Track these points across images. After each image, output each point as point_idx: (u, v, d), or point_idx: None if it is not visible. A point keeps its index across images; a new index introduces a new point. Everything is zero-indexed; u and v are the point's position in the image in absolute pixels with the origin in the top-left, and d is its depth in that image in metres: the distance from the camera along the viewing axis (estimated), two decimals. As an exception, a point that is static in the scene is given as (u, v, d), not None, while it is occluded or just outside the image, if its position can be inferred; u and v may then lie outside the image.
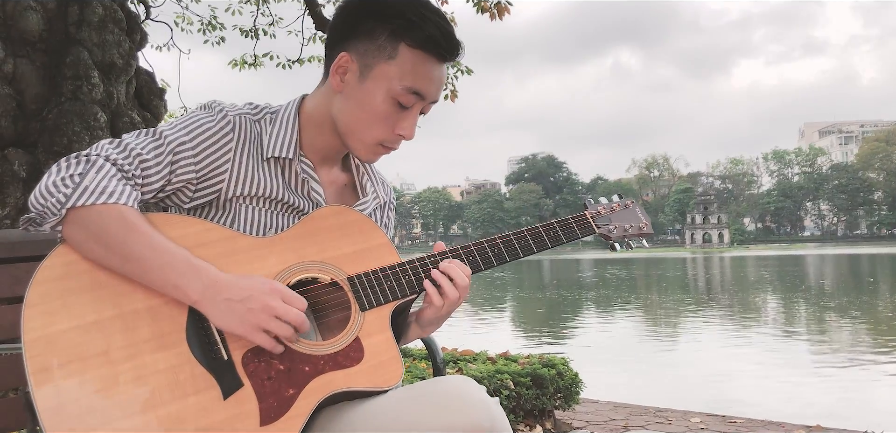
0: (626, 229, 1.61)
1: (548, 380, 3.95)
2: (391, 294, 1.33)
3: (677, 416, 5.06)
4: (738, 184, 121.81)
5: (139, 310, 1.17)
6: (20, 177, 4.22)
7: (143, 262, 1.16)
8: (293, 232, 1.33)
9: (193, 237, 1.25)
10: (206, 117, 1.34)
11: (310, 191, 1.40)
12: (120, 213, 1.18)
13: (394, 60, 1.30)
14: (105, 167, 1.21)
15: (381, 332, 1.30)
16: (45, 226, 1.19)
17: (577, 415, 4.68)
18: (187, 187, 1.32)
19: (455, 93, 8.19)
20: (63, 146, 4.30)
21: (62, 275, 1.17)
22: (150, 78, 5.51)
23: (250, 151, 1.36)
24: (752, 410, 5.80)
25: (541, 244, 1.48)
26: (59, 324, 1.12)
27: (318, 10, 7.76)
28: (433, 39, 1.29)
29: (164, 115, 5.67)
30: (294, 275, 1.28)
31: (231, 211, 1.35)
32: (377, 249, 1.37)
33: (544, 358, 4.24)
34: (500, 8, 7.25)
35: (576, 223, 1.54)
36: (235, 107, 1.38)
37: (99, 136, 4.47)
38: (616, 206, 1.63)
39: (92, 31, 4.70)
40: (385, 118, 1.33)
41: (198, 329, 1.18)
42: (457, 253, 1.42)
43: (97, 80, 4.62)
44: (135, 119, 4.94)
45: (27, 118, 4.34)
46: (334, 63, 1.35)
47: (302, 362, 1.20)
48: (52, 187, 1.17)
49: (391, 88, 1.30)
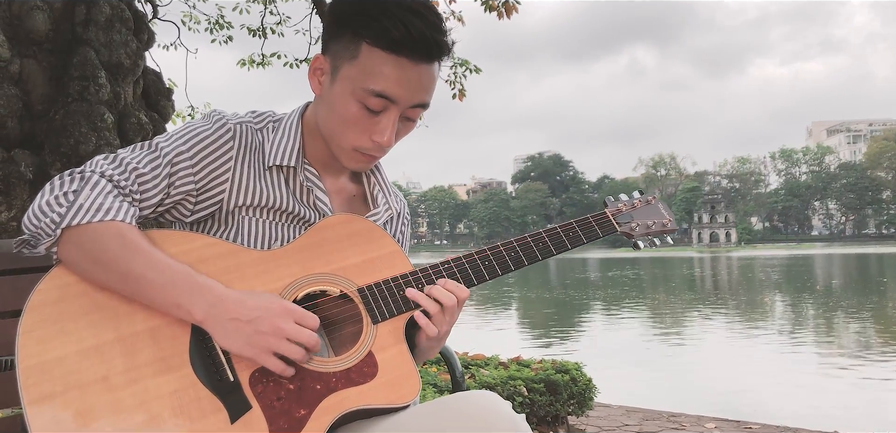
0: (649, 226, 1.52)
1: (561, 386, 3.89)
2: (404, 304, 1.27)
3: (691, 421, 4.99)
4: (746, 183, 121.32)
5: (140, 332, 1.11)
6: (26, 178, 4.17)
7: (143, 282, 1.10)
8: (299, 243, 1.27)
9: (195, 253, 1.19)
10: (204, 126, 1.27)
11: (315, 200, 1.34)
12: (117, 231, 1.12)
13: (356, 61, 1.22)
14: (100, 183, 1.15)
15: (395, 345, 1.23)
16: (39, 248, 1.13)
17: (589, 420, 4.62)
18: (187, 200, 1.26)
19: (463, 92, 8.12)
20: (70, 147, 4.26)
21: (58, 297, 1.11)
22: (158, 78, 5.46)
23: (252, 160, 1.29)
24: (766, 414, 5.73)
25: (560, 246, 1.39)
26: (56, 349, 1.06)
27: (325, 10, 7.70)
28: (396, 38, 1.18)
29: (171, 115, 5.63)
30: (301, 289, 1.22)
31: (234, 223, 1.29)
32: (388, 258, 1.31)
33: (557, 363, 4.18)
34: (507, 7, 7.19)
35: (596, 222, 1.45)
36: (237, 115, 1.32)
37: (106, 137, 4.42)
38: (637, 203, 1.54)
39: (99, 30, 4.66)
40: (355, 123, 1.25)
41: (201, 349, 1.12)
42: (472, 259, 1.35)
43: (104, 81, 4.57)
44: (142, 120, 4.89)
45: (34, 119, 4.30)
46: (310, 66, 1.29)
47: (313, 380, 1.14)
48: (45, 207, 1.11)
49: (354, 91, 1.22)
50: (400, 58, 1.20)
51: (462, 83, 8.04)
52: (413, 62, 1.22)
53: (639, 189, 1.62)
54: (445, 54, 1.26)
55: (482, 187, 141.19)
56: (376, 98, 1.22)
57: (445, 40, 1.24)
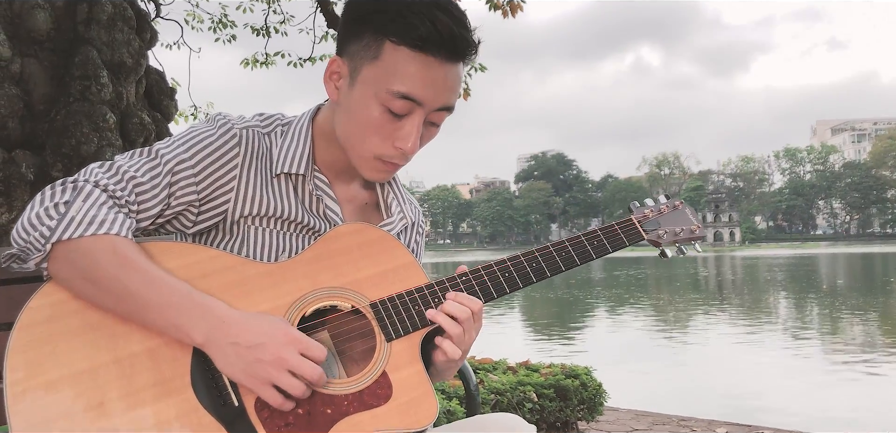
0: (676, 233, 1.45)
1: (571, 391, 3.82)
2: (420, 320, 1.19)
3: (701, 426, 4.91)
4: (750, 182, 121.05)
5: (137, 353, 1.03)
6: (28, 179, 4.11)
7: (138, 301, 1.02)
8: (308, 255, 1.19)
9: (197, 266, 1.11)
10: (207, 131, 1.19)
11: (325, 209, 1.26)
12: (112, 245, 1.04)
13: (378, 61, 1.14)
14: (94, 194, 1.06)
15: (410, 365, 1.16)
16: (29, 263, 1.05)
17: (599, 424, 4.54)
18: (189, 210, 1.18)
19: (468, 91, 8.05)
20: (71, 148, 4.20)
21: (49, 317, 1.03)
22: (161, 77, 5.40)
23: (259, 167, 1.21)
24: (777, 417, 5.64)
25: (584, 256, 1.32)
26: (47, 374, 0.99)
27: (329, 8, 7.65)
28: (423, 35, 1.10)
29: (174, 115, 5.57)
30: (310, 305, 1.15)
31: (239, 234, 1.21)
32: (402, 270, 1.23)
33: (567, 368, 4.11)
34: (512, 5, 7.13)
35: (622, 230, 1.37)
36: (243, 118, 1.24)
37: (108, 138, 4.36)
38: (664, 208, 1.47)
39: (101, 29, 4.59)
40: (378, 128, 1.17)
41: (204, 372, 1.04)
42: (491, 271, 1.27)
43: (106, 80, 4.50)
44: (144, 120, 4.83)
45: (35, 119, 4.24)
46: (326, 70, 1.21)
47: (323, 404, 1.07)
48: (34, 219, 1.03)
49: (377, 93, 1.14)
50: (426, 56, 1.13)
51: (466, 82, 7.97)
52: (440, 61, 1.14)
53: (665, 193, 1.55)
54: (473, 53, 1.19)
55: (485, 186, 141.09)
56: (401, 100, 1.14)
57: (473, 38, 1.17)
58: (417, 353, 1.17)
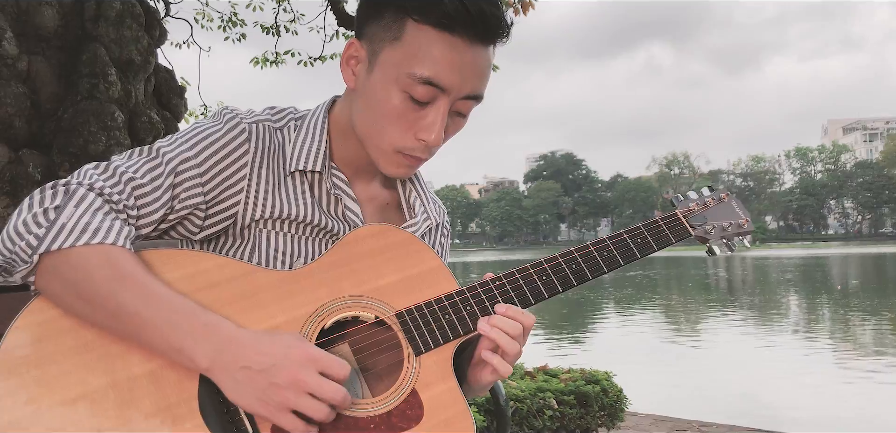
0: (725, 228, 1.33)
1: (592, 397, 3.71)
2: (452, 331, 1.08)
3: (723, 431, 4.78)
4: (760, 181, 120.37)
5: (137, 376, 0.92)
6: (35, 179, 4.03)
7: (136, 321, 0.91)
8: (326, 260, 1.08)
9: (203, 277, 1.00)
10: (213, 126, 1.08)
11: (343, 210, 1.16)
12: (106, 257, 0.92)
13: (399, 42, 1.03)
14: (88, 198, 0.95)
15: (442, 381, 1.05)
16: (15, 277, 0.94)
17: (619, 431, 4.42)
18: (195, 214, 1.07)
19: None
20: (79, 147, 4.12)
21: (38, 337, 0.92)
22: (170, 75, 5.32)
23: (271, 165, 1.10)
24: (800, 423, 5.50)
25: (628, 255, 1.19)
26: (36, 401, 0.87)
27: (340, 6, 7.55)
28: (450, 13, 0.99)
29: (183, 113, 5.49)
30: (330, 316, 1.04)
31: (249, 239, 1.10)
32: (429, 275, 1.12)
33: (586, 373, 3.99)
34: (524, 4, 7.03)
35: (667, 225, 1.26)
36: (252, 112, 1.12)
37: (116, 137, 4.28)
38: (710, 201, 1.36)
39: (109, 26, 4.51)
40: (398, 117, 1.06)
41: (213, 396, 0.93)
42: (527, 274, 1.15)
43: (114, 78, 4.43)
44: (153, 118, 4.75)
45: (42, 118, 4.16)
46: (342, 54, 1.09)
47: (347, 428, 0.96)
48: (21, 227, 0.92)
49: (398, 78, 1.03)
50: (453, 37, 1.02)
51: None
52: (468, 42, 1.03)
53: (708, 185, 1.43)
54: (505, 35, 1.07)
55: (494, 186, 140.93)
56: (424, 86, 1.03)
57: (505, 17, 1.05)
58: (450, 368, 1.07)
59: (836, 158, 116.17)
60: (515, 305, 1.12)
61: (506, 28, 1.07)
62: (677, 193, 1.39)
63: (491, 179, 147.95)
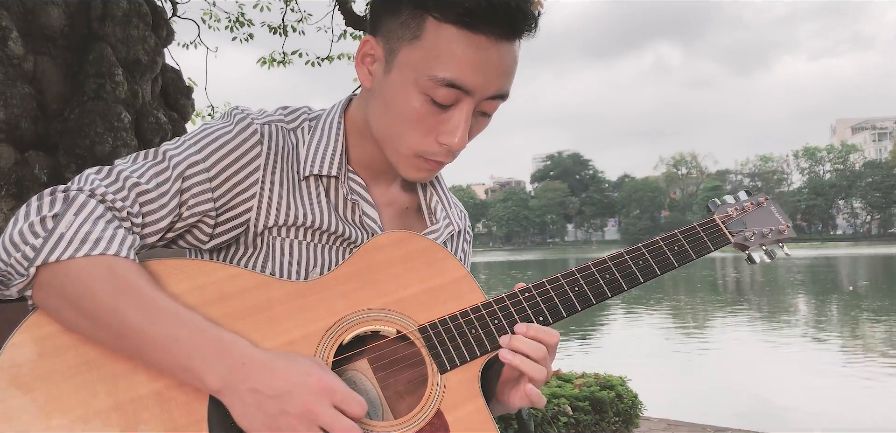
0: (764, 234, 1.26)
1: (607, 403, 3.64)
2: (479, 347, 1.01)
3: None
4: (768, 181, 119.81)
5: (143, 396, 0.85)
6: (41, 181, 3.98)
7: (141, 338, 0.84)
8: (343, 270, 1.02)
9: (213, 288, 0.93)
10: (223, 127, 1.01)
11: (361, 216, 1.09)
12: (108, 268, 0.85)
13: (418, 41, 0.96)
14: (88, 205, 0.88)
15: (470, 400, 0.98)
16: (11, 290, 0.87)
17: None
18: (204, 221, 1.00)
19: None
20: (85, 148, 4.07)
21: (35, 355, 0.85)
22: (177, 76, 5.27)
23: (284, 169, 1.04)
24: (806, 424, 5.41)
25: (665, 264, 1.13)
26: (34, 424, 0.81)
27: (347, 6, 7.50)
28: (473, 9, 0.92)
29: (191, 114, 5.43)
30: (349, 330, 0.97)
31: (262, 248, 1.04)
32: (454, 286, 1.05)
33: (601, 378, 3.92)
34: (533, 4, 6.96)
35: (705, 232, 1.19)
36: (264, 112, 1.06)
37: (123, 138, 4.22)
38: (749, 206, 1.29)
39: (116, 26, 4.46)
40: (419, 121, 0.99)
41: (224, 418, 0.86)
42: (558, 284, 1.08)
43: (121, 78, 4.38)
44: (161, 119, 4.69)
45: (48, 119, 4.11)
46: (358, 51, 1.02)
47: None
48: (17, 238, 0.85)
49: (418, 80, 0.96)
50: (477, 35, 0.95)
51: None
52: (493, 40, 0.96)
53: (745, 189, 1.36)
54: (532, 29, 1.00)
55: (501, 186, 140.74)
56: (446, 88, 0.96)
57: (531, 10, 0.98)
58: (477, 387, 1.00)
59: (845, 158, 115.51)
60: (546, 318, 1.05)
61: (533, 20, 1.00)
62: (714, 198, 1.32)
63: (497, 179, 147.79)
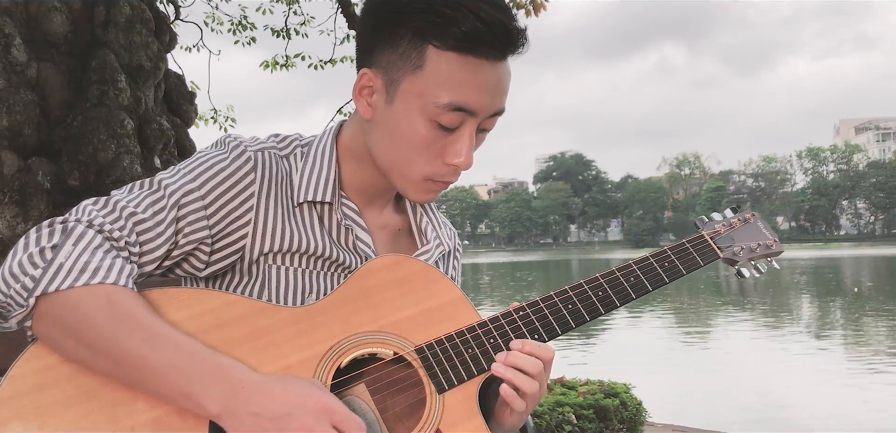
0: (753, 249, 1.29)
1: (611, 411, 3.63)
2: (476, 366, 1.02)
3: (743, 444, 4.68)
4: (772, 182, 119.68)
5: (143, 424, 0.86)
6: (44, 188, 3.98)
7: (140, 365, 0.85)
8: (339, 295, 1.03)
9: (210, 316, 0.94)
10: (216, 155, 1.03)
11: (355, 241, 1.10)
12: (106, 298, 0.86)
13: (421, 71, 0.98)
14: (86, 236, 0.89)
15: (468, 420, 0.99)
16: (10, 322, 0.88)
17: (637, 444, 4.33)
18: (200, 249, 1.01)
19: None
20: (88, 155, 4.07)
21: (36, 386, 0.85)
22: (180, 81, 5.28)
23: (278, 195, 1.05)
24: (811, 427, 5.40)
25: (656, 280, 1.16)
26: None
27: (350, 9, 7.51)
28: (472, 34, 0.94)
29: (194, 119, 5.44)
30: (346, 354, 0.97)
31: (258, 275, 1.05)
32: (449, 307, 1.07)
33: (605, 385, 3.92)
34: (535, 5, 6.98)
35: (694, 248, 1.22)
36: (256, 140, 1.07)
37: (126, 145, 4.22)
38: (736, 222, 1.32)
39: (119, 32, 4.47)
40: (426, 146, 1.02)
41: None
42: (552, 303, 1.11)
43: (124, 84, 4.38)
44: (164, 125, 4.70)
45: (51, 125, 4.11)
46: (355, 84, 1.04)
47: None
48: (16, 269, 0.86)
49: (424, 107, 0.98)
50: (477, 58, 0.97)
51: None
52: (491, 61, 0.98)
53: (731, 206, 1.39)
54: (524, 44, 1.02)
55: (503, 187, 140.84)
56: (452, 112, 0.98)
57: (521, 26, 1.00)
58: (475, 405, 1.00)
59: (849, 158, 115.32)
60: (541, 336, 1.08)
61: (524, 36, 1.03)
62: (701, 215, 1.35)
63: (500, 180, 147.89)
